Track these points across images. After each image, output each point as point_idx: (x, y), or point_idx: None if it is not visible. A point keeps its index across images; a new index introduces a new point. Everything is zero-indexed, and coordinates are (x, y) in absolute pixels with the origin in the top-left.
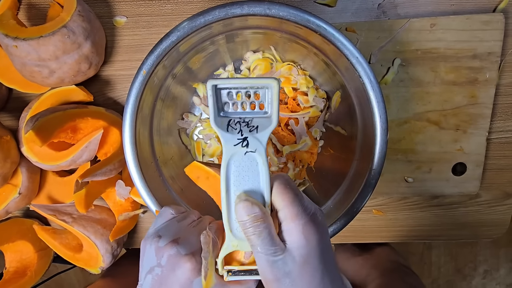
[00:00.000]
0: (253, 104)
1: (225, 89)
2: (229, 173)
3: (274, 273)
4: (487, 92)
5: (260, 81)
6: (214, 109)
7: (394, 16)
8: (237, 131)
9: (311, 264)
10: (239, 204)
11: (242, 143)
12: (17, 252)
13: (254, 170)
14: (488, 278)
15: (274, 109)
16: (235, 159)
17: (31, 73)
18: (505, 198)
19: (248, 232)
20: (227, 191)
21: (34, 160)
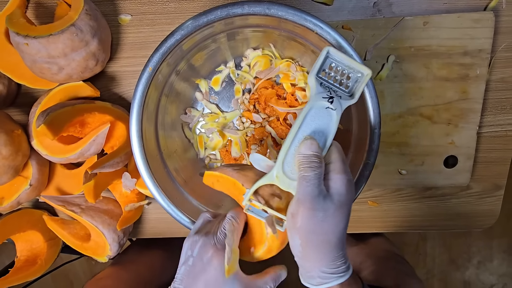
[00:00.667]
0: (341, 82)
1: (333, 60)
2: (307, 116)
3: (313, 204)
4: (477, 88)
5: (361, 66)
6: (319, 67)
7: (389, 14)
8: (327, 90)
9: (343, 211)
10: (308, 140)
11: (328, 99)
12: (28, 241)
13: (326, 123)
14: (482, 268)
15: (359, 91)
16: (316, 108)
17: (41, 69)
18: (495, 189)
19: (308, 165)
20: (299, 128)
21: (44, 153)
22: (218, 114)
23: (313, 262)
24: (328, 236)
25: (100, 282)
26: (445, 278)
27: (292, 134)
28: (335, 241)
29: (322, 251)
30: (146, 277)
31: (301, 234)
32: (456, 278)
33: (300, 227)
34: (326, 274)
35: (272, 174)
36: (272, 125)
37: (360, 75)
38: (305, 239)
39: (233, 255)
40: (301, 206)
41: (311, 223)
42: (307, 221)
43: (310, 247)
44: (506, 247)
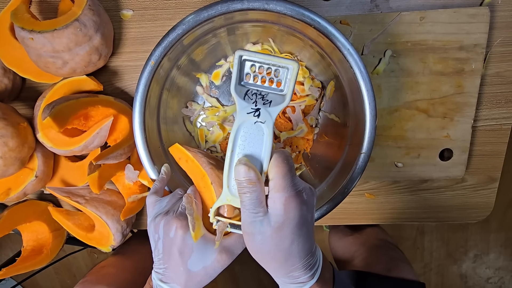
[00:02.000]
0: (271, 80)
1: (250, 61)
2: (237, 137)
3: (251, 228)
4: (473, 82)
5: (283, 61)
6: (236, 77)
7: (386, 9)
8: (252, 101)
9: (283, 232)
10: (238, 165)
11: (254, 113)
12: (33, 232)
13: (259, 139)
14: (478, 262)
15: (290, 89)
16: (245, 126)
17: (46, 64)
18: (489, 182)
19: (241, 191)
20: (232, 152)
21: (49, 146)
22: (218, 107)
23: (272, 273)
24: (274, 254)
25: (102, 271)
26: (442, 271)
27: (228, 159)
28: (283, 256)
29: (273, 266)
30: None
31: (252, 252)
32: (453, 272)
33: (248, 245)
34: (287, 284)
35: (222, 197)
36: None
37: (288, 70)
38: (255, 256)
39: (197, 222)
40: (243, 230)
41: (253, 245)
42: (250, 243)
43: (263, 263)
44: (503, 241)
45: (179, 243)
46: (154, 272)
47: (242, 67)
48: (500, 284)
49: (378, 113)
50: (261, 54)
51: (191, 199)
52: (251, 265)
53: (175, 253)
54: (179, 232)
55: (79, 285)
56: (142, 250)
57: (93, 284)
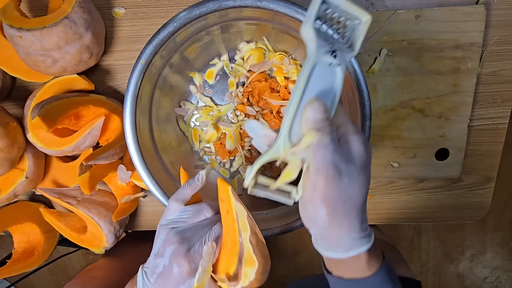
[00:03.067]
0: (339, 31)
1: (329, 3)
2: (310, 76)
3: (337, 169)
4: (468, 81)
5: (359, 11)
6: (315, 15)
7: (381, 7)
8: (328, 43)
9: (366, 172)
10: (315, 103)
11: (332, 53)
12: (25, 233)
13: (331, 82)
14: (475, 261)
15: (359, 40)
16: (319, 66)
17: (35, 62)
18: (485, 182)
19: (320, 129)
20: (303, 92)
21: (39, 146)
22: (212, 107)
23: (340, 230)
24: (355, 200)
25: (90, 273)
26: (439, 271)
27: (296, 100)
28: (362, 204)
29: (350, 217)
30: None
31: (327, 203)
32: (450, 272)
33: (327, 196)
34: (355, 240)
35: (277, 147)
36: (266, 118)
37: (358, 22)
38: (332, 208)
39: (205, 275)
40: (324, 175)
41: (339, 191)
42: (334, 189)
43: (337, 216)
44: (499, 240)
45: (179, 282)
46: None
47: (319, 9)
48: (497, 283)
49: (374, 112)
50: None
51: (213, 250)
52: None
53: (172, 286)
54: (183, 273)
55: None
56: (133, 251)
57: (80, 287)
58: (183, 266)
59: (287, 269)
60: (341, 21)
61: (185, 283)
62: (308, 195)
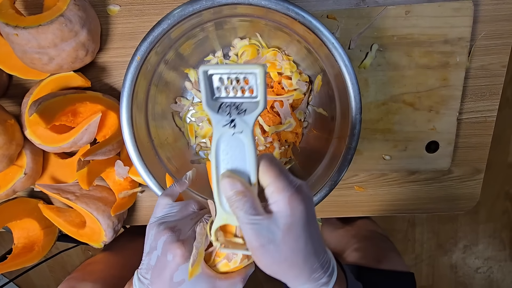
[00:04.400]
0: (243, 89)
1: (216, 74)
2: (218, 152)
3: (259, 240)
4: (457, 75)
5: (247, 67)
6: (206, 93)
7: (372, 3)
8: (226, 113)
9: (295, 232)
10: (222, 180)
11: (230, 124)
12: (24, 229)
13: (241, 150)
14: (468, 252)
15: (261, 94)
16: (223, 139)
17: (32, 60)
18: (475, 173)
19: (233, 206)
20: (217, 169)
21: (37, 143)
22: None
23: (293, 283)
24: (291, 259)
25: (88, 267)
26: (433, 262)
27: (213, 176)
28: (301, 259)
29: (294, 273)
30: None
31: (266, 269)
32: (443, 263)
33: (261, 263)
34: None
35: (218, 218)
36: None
37: (255, 75)
38: (271, 271)
39: (198, 257)
40: (252, 246)
41: (267, 258)
42: (263, 258)
43: (281, 275)
44: (491, 231)
45: (174, 269)
46: (138, 279)
47: (210, 81)
48: (489, 273)
49: (366, 106)
50: (223, 65)
51: (205, 231)
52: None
53: (166, 275)
54: (178, 260)
55: (64, 282)
56: (131, 246)
57: (79, 281)
58: (176, 252)
59: None
60: (239, 78)
61: (179, 269)
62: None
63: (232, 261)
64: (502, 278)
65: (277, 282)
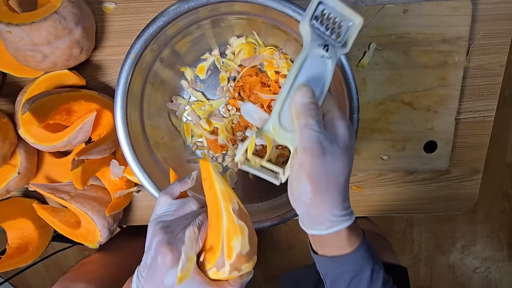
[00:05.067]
0: (333, 30)
1: (325, 4)
2: (303, 65)
3: (322, 149)
4: (456, 75)
5: (353, 14)
6: (312, 13)
7: (370, 2)
8: (321, 38)
9: (349, 153)
10: (304, 88)
11: (324, 47)
12: (18, 229)
13: (321, 73)
14: (466, 252)
15: (351, 39)
16: (312, 57)
17: (25, 57)
18: (473, 173)
19: (306, 113)
20: (295, 78)
21: (31, 142)
22: (204, 102)
23: (323, 206)
24: (338, 178)
25: (82, 268)
26: (431, 262)
27: (288, 84)
28: (344, 182)
29: (332, 194)
30: (130, 262)
31: (312, 180)
32: (441, 263)
33: (311, 173)
34: (336, 217)
35: (268, 126)
36: None
37: (351, 24)
38: (316, 184)
39: (189, 264)
40: (309, 153)
41: (323, 168)
42: (318, 167)
43: (321, 192)
44: (489, 231)
45: (164, 272)
46: (137, 276)
47: (316, 7)
48: (487, 274)
49: (364, 106)
50: (339, 1)
51: (195, 235)
52: None
53: (158, 277)
54: (167, 263)
55: (58, 283)
56: (126, 246)
57: (73, 282)
58: (166, 255)
59: (282, 262)
60: (336, 21)
61: (169, 273)
62: (295, 174)
63: (221, 270)
64: (500, 278)
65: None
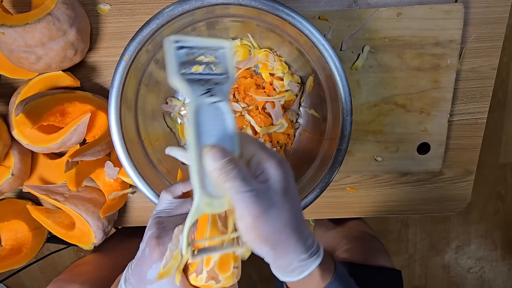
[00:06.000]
0: (210, 67)
1: (185, 48)
2: (197, 125)
3: (261, 206)
4: (448, 77)
5: (217, 41)
6: (174, 65)
7: (364, 5)
8: (199, 84)
9: (291, 194)
10: (210, 151)
11: (207, 93)
12: (12, 231)
13: (220, 121)
14: (460, 252)
15: (231, 68)
16: (202, 110)
17: (19, 59)
18: (466, 175)
19: (227, 176)
20: (198, 143)
21: (25, 143)
22: None
23: (288, 257)
24: (291, 224)
25: (76, 268)
26: (426, 263)
27: (193, 152)
28: (298, 224)
29: (293, 241)
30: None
31: (266, 240)
32: (436, 263)
33: (261, 235)
34: (305, 261)
35: (197, 206)
36: (251, 114)
37: (223, 51)
38: (272, 242)
39: (173, 261)
40: (250, 217)
41: (271, 225)
42: (265, 226)
43: (280, 246)
44: (483, 232)
45: (149, 266)
46: (127, 268)
47: (176, 55)
48: (481, 273)
49: (358, 108)
50: (194, 37)
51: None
52: None
53: (143, 269)
54: (154, 257)
55: (52, 284)
56: (122, 247)
57: (67, 283)
58: (153, 249)
59: None
60: (206, 56)
61: (152, 267)
62: (247, 238)
63: (199, 276)
64: (493, 278)
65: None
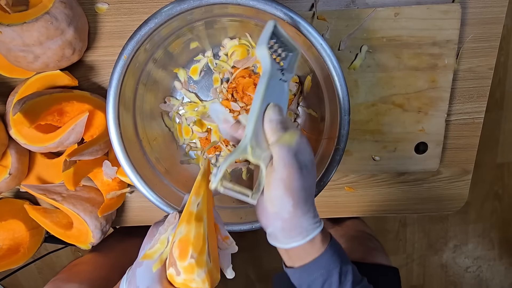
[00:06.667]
0: (280, 57)
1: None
2: (267, 87)
3: (298, 164)
4: (446, 77)
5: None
6: (267, 37)
7: (362, 5)
8: (276, 62)
9: (314, 164)
10: (276, 106)
11: (282, 71)
12: (10, 230)
13: (280, 94)
14: (458, 252)
15: (295, 65)
16: (273, 80)
17: (16, 58)
18: (463, 174)
19: (282, 128)
20: (263, 99)
21: (22, 142)
22: (197, 103)
23: (302, 218)
24: (311, 188)
25: (74, 268)
26: (424, 262)
27: (258, 105)
28: (313, 191)
29: (309, 204)
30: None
31: (293, 194)
32: (434, 262)
33: (292, 187)
34: (312, 225)
35: (245, 146)
36: None
37: (294, 53)
38: (297, 198)
39: (159, 244)
40: (289, 168)
41: (301, 181)
42: (297, 181)
43: (300, 204)
44: (481, 231)
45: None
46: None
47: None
48: (479, 272)
49: (356, 107)
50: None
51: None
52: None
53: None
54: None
55: (50, 283)
56: (119, 246)
57: (64, 282)
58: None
59: (276, 262)
60: (281, 49)
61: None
62: (275, 191)
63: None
64: (491, 277)
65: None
